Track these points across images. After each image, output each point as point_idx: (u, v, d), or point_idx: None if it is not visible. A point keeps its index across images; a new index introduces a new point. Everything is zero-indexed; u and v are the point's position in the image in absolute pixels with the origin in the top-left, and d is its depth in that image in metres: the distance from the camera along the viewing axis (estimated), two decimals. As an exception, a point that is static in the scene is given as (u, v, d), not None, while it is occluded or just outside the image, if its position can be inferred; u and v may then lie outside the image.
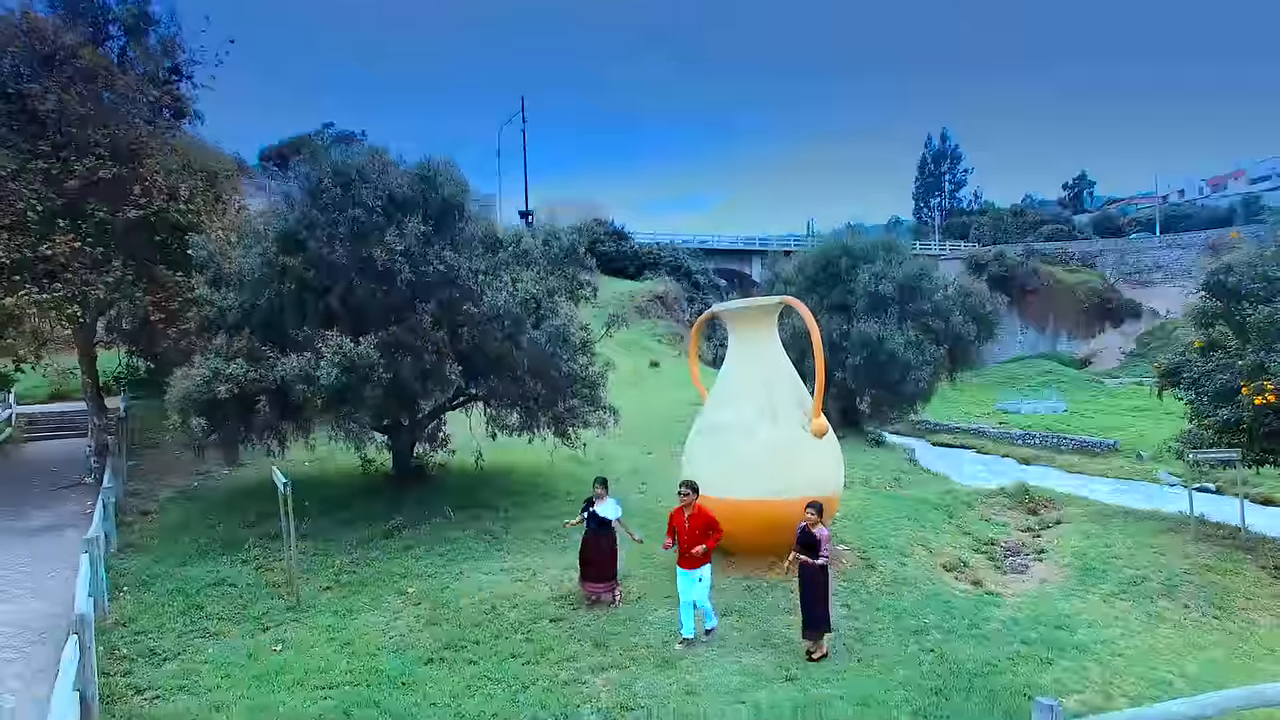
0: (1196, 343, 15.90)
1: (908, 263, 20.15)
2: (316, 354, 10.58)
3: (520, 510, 13.14)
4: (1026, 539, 13.42)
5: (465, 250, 12.37)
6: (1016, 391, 61.29)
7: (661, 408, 24.45)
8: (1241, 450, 13.68)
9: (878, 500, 14.73)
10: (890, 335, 18.95)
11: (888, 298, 19.58)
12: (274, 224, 11.65)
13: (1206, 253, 72.65)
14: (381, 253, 10.86)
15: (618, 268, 52.32)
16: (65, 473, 16.47)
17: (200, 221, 14.58)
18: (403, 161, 13.63)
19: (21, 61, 13.45)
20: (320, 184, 11.32)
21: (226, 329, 11.92)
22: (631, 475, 16.08)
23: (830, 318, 20.38)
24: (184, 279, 14.29)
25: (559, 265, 13.84)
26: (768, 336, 11.26)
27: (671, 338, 41.37)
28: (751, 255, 70.43)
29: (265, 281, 11.59)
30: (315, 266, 11.29)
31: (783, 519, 10.34)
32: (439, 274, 11.20)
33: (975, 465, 42.52)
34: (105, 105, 14.02)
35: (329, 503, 13.05)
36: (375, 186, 11.38)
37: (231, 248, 13.03)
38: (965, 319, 20.31)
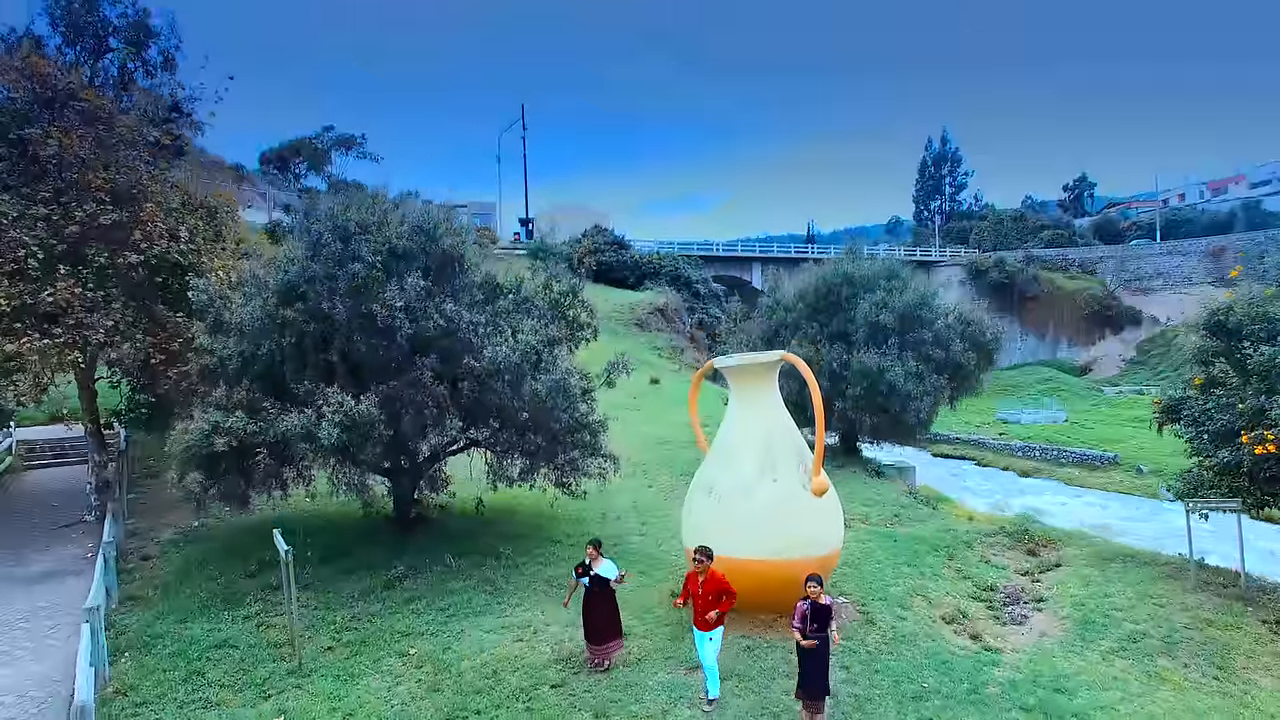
0: (1196, 380, 15.86)
1: (908, 292, 20.10)
2: (317, 411, 10.59)
3: (522, 555, 13.15)
4: (1026, 583, 13.42)
5: (465, 299, 12.39)
6: (1017, 400, 61.36)
7: (662, 431, 24.47)
8: (1242, 495, 13.70)
9: (877, 541, 14.73)
10: (890, 366, 18.93)
11: (888, 328, 19.56)
12: (274, 276, 11.64)
13: (1207, 259, 72.77)
14: (381, 308, 10.87)
15: (618, 277, 52.40)
16: (66, 509, 16.49)
17: (200, 261, 14.58)
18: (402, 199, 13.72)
19: (23, 106, 13.41)
20: (320, 239, 11.31)
21: (226, 378, 11.93)
22: (631, 513, 16.11)
23: (831, 347, 20.36)
24: (184, 319, 14.30)
25: (559, 308, 13.84)
26: (768, 391, 11.25)
27: (672, 350, 41.38)
28: (752, 262, 70.47)
29: (265, 332, 11.59)
30: (315, 319, 11.29)
31: (783, 579, 10.38)
32: (439, 327, 11.21)
33: (976, 479, 42.74)
34: (106, 147, 13.98)
35: (330, 549, 13.05)
36: (374, 239, 11.39)
37: (232, 290, 13.03)
38: (966, 347, 20.28)
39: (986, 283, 75.15)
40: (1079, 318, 72.01)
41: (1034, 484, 40.88)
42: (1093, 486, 39.55)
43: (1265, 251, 70.81)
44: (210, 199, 16.48)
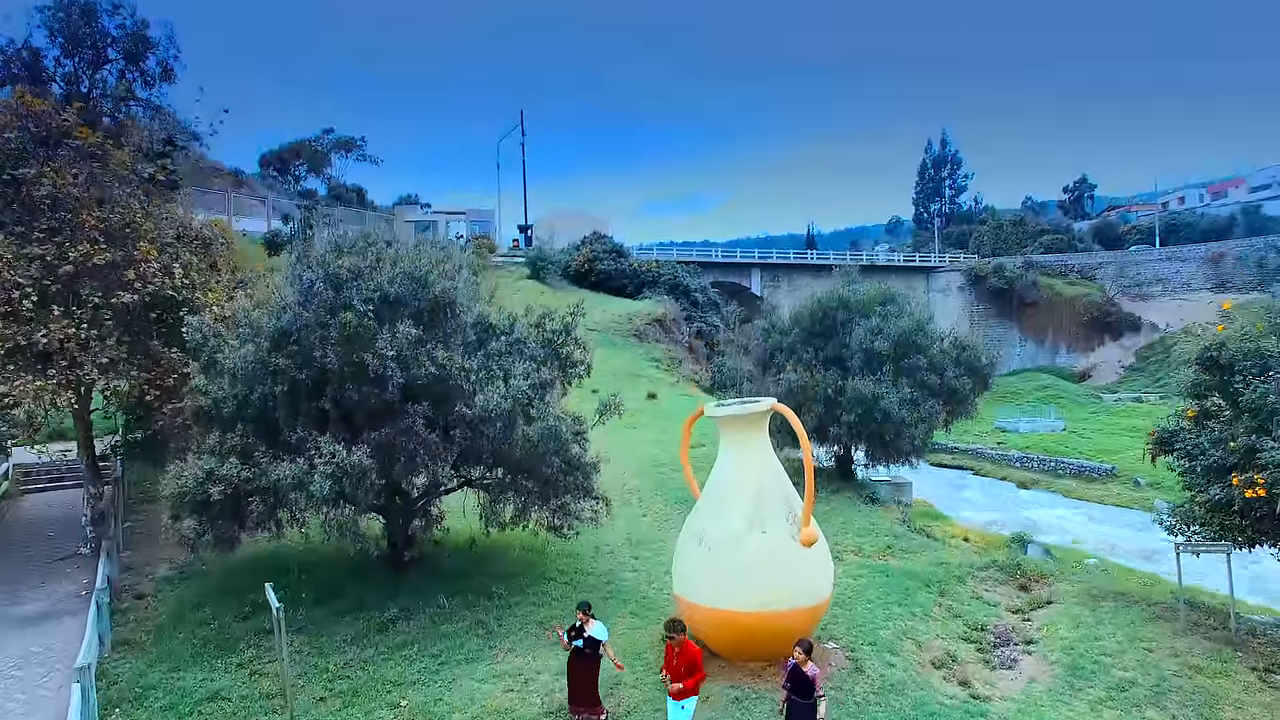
0: (1189, 412, 15.89)
1: (903, 318, 20.12)
2: (309, 460, 10.63)
3: (515, 595, 13.19)
4: (1016, 622, 13.45)
5: (457, 341, 12.44)
6: (1015, 408, 61.42)
7: (657, 452, 24.49)
8: (1233, 533, 13.74)
9: (869, 577, 14.77)
10: (885, 394, 18.97)
11: (883, 354, 19.59)
12: (267, 321, 11.67)
13: (1206, 265, 72.76)
14: (373, 358, 10.90)
15: (616, 286, 52.41)
16: (62, 539, 16.56)
17: (194, 297, 14.60)
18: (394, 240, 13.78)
19: (18, 145, 13.43)
20: (312, 286, 11.34)
21: (220, 421, 11.98)
22: (625, 546, 16.14)
23: (826, 372, 20.39)
24: (179, 355, 14.32)
25: (553, 346, 13.87)
26: (758, 439, 11.27)
27: (670, 362, 41.38)
28: (751, 268, 70.50)
29: (259, 377, 11.61)
30: (307, 366, 11.32)
31: (772, 630, 10.44)
32: (430, 375, 11.25)
33: (974, 490, 42.78)
34: (100, 184, 14.02)
35: (323, 588, 13.11)
36: (366, 286, 11.43)
37: (226, 329, 13.05)
38: (960, 372, 20.31)
39: (986, 289, 75.18)
40: (1078, 324, 72.04)
41: (1032, 496, 40.93)
42: (1091, 499, 39.58)
43: (1264, 257, 70.87)
44: (205, 229, 16.49)
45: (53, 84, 39.25)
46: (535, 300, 47.58)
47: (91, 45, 40.14)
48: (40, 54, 38.44)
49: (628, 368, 38.38)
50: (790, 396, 20.68)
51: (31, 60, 38.44)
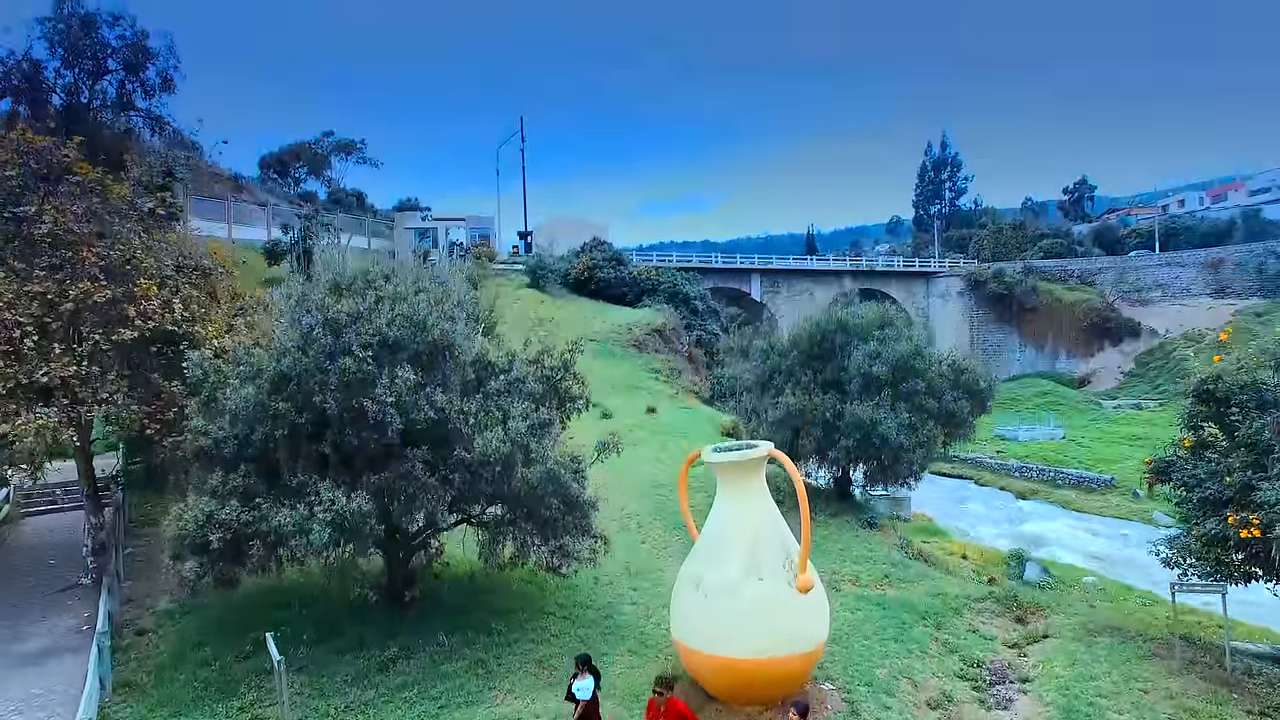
0: (1186, 442, 15.96)
1: (901, 342, 20.17)
2: (310, 506, 10.69)
3: (514, 631, 13.26)
4: (1012, 658, 13.52)
5: (456, 381, 12.50)
6: (1015, 414, 61.49)
7: (656, 471, 24.53)
8: (1228, 568, 13.81)
9: (866, 610, 14.84)
10: (883, 419, 19.02)
11: (881, 379, 19.65)
12: (267, 363, 11.71)
13: (1206, 271, 72.79)
14: (372, 404, 10.96)
15: (616, 294, 52.44)
16: (63, 566, 16.61)
17: (194, 330, 14.64)
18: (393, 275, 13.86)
19: (20, 184, 13.48)
20: (311, 331, 11.40)
21: (221, 462, 12.04)
22: (624, 576, 16.21)
23: (824, 395, 20.45)
24: (179, 388, 14.37)
25: (552, 382, 13.92)
26: (755, 485, 11.32)
27: (669, 373, 41.38)
28: (751, 274, 70.54)
29: (259, 418, 11.67)
30: (306, 410, 11.37)
31: (769, 676, 10.53)
32: (429, 420, 11.31)
33: (974, 501, 42.88)
34: (99, 219, 14.07)
35: (323, 625, 13.17)
36: (365, 329, 11.48)
37: (226, 365, 13.10)
38: (959, 395, 20.36)
39: (985, 294, 75.26)
40: (1078, 329, 72.10)
41: (1031, 508, 41.03)
42: (1089, 510, 39.71)
43: (1264, 263, 70.90)
44: (205, 258, 16.53)
45: (53, 95, 39.37)
46: (535, 309, 47.81)
47: (91, 56, 40.23)
48: (40, 66, 38.51)
49: (627, 379, 38.42)
50: (789, 420, 20.79)
51: (32, 72, 38.51)
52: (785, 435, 20.94)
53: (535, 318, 46.16)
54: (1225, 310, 69.14)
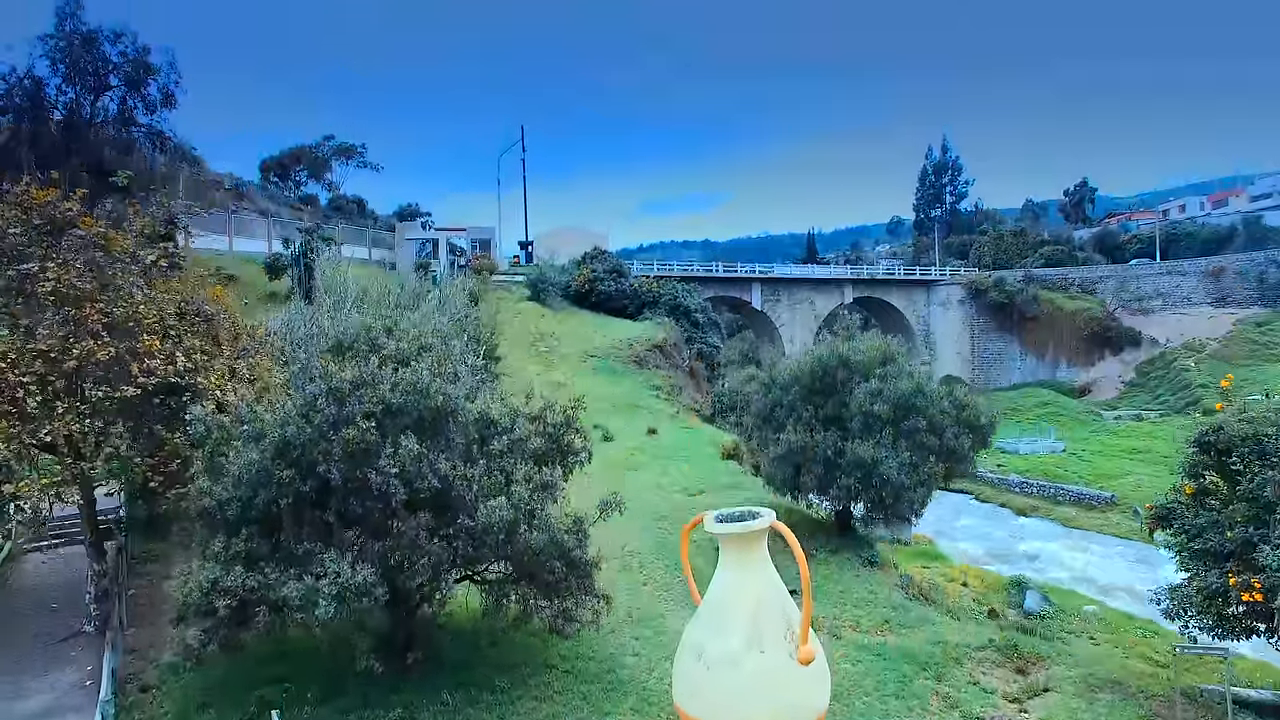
0: (1187, 489, 15.99)
1: (903, 379, 20.20)
2: (315, 577, 10.72)
3: (517, 689, 13.29)
4: (1013, 714, 13.56)
5: (459, 441, 12.53)
6: (1016, 425, 61.49)
7: (657, 501, 24.59)
8: (1230, 624, 13.85)
9: (867, 662, 14.87)
10: (884, 459, 19.06)
11: (883, 418, 19.67)
12: (271, 429, 11.73)
13: (1207, 280, 72.75)
14: (376, 475, 10.99)
15: (617, 307, 52.49)
16: (65, 611, 16.64)
17: (197, 382, 14.65)
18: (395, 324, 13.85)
19: (22, 241, 13.48)
20: (315, 401, 11.42)
21: (225, 525, 12.07)
22: (625, 624, 16.22)
23: (826, 432, 20.48)
24: (182, 439, 14.39)
25: (555, 436, 13.94)
26: (757, 555, 11.25)
27: (670, 390, 41.44)
28: (751, 282, 70.52)
29: (262, 481, 11.70)
30: (310, 476, 11.40)
31: (771, 750, 10.54)
32: (433, 488, 11.34)
33: (974, 517, 42.87)
34: (103, 273, 14.08)
35: (327, 683, 13.19)
36: (369, 396, 11.51)
37: (230, 421, 13.13)
38: (960, 430, 20.39)
39: (986, 302, 75.27)
40: (1078, 338, 72.08)
41: (1032, 525, 41.00)
42: (1090, 529, 39.68)
43: (1265, 272, 70.88)
44: (207, 304, 16.51)
45: (54, 111, 39.42)
46: (536, 323, 47.80)
47: (93, 73, 40.29)
48: (42, 83, 38.58)
49: (628, 397, 38.47)
50: (790, 456, 20.83)
51: (34, 89, 38.57)
52: (787, 471, 21.01)
53: (537, 332, 46.31)
54: (1226, 319, 69.17)
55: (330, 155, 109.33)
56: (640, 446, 31.13)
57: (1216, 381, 61.57)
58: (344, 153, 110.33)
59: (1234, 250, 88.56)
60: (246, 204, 77.59)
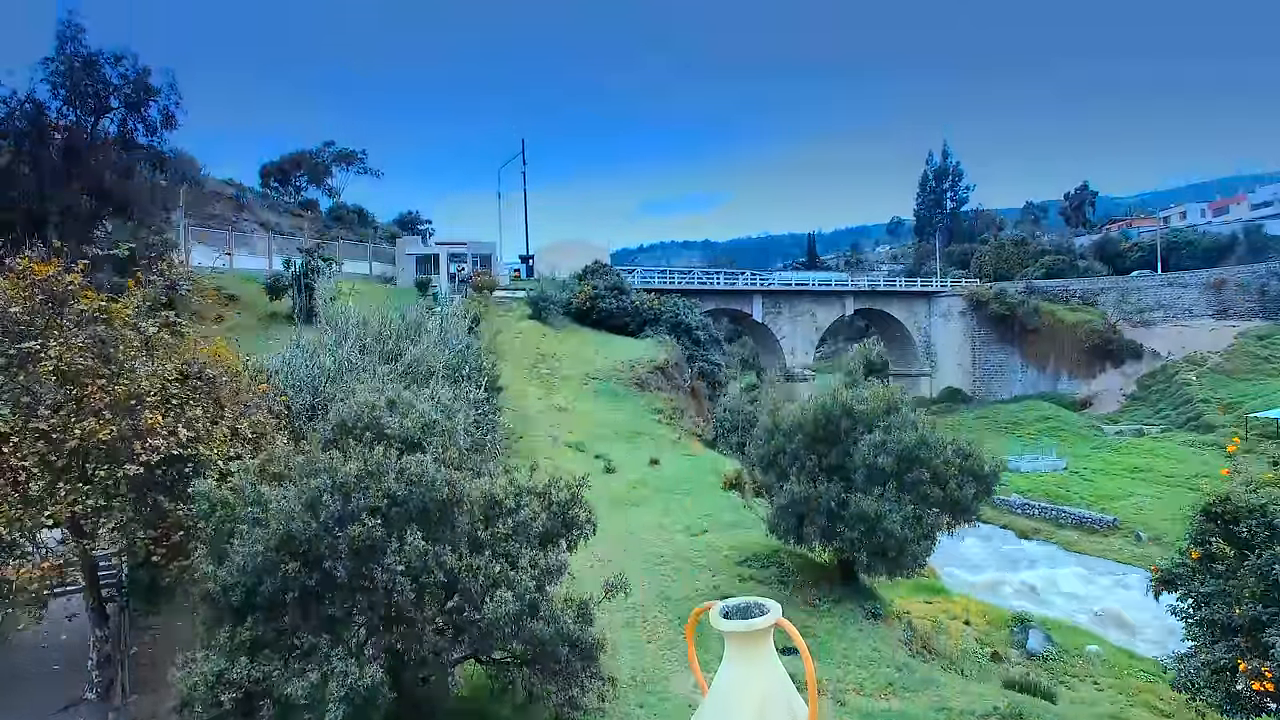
0: (1193, 554, 15.93)
1: (907, 430, 20.12)
2: (323, 675, 10.66)
3: (520, 769, 13.26)
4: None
5: (463, 525, 12.47)
6: (1017, 440, 61.46)
7: (659, 541, 24.52)
8: (1239, 701, 13.80)
9: (873, 734, 14.84)
10: (888, 513, 19.00)
11: (886, 471, 19.61)
12: (275, 524, 11.65)
13: (1208, 292, 72.72)
14: (382, 572, 10.93)
15: (618, 324, 52.46)
16: (67, 672, 16.58)
17: (200, 452, 14.57)
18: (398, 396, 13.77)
19: (24, 319, 13.40)
20: (320, 497, 11.35)
21: (230, 613, 12.00)
22: (629, 687, 16.14)
23: (829, 481, 20.42)
24: (185, 510, 14.31)
25: (560, 513, 13.87)
26: (763, 650, 11.23)
27: (672, 413, 41.36)
28: (753, 295, 70.50)
29: (267, 570, 11.63)
30: (316, 570, 11.34)
31: None
32: (440, 584, 11.28)
33: (975, 540, 42.82)
34: (105, 346, 14.00)
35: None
36: (374, 490, 11.44)
37: (234, 497, 13.06)
38: (964, 479, 20.31)
39: (987, 314, 75.27)
40: (1079, 351, 72.07)
41: (1034, 549, 41.03)
42: (1092, 553, 39.71)
43: (1266, 284, 70.85)
44: (209, 366, 16.42)
45: (55, 134, 39.30)
46: (538, 343, 47.74)
47: (94, 95, 40.21)
48: (43, 106, 38.46)
49: (629, 423, 38.43)
50: (793, 506, 20.79)
51: (35, 113, 38.45)
52: (790, 522, 20.97)
53: (538, 353, 46.24)
54: (1228, 332, 69.16)
55: (330, 161, 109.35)
56: (642, 479, 31.08)
57: (1217, 395, 61.68)
58: (344, 159, 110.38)
59: (1235, 259, 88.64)
60: (247, 214, 77.57)
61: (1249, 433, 53.51)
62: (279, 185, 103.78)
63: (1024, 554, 40.37)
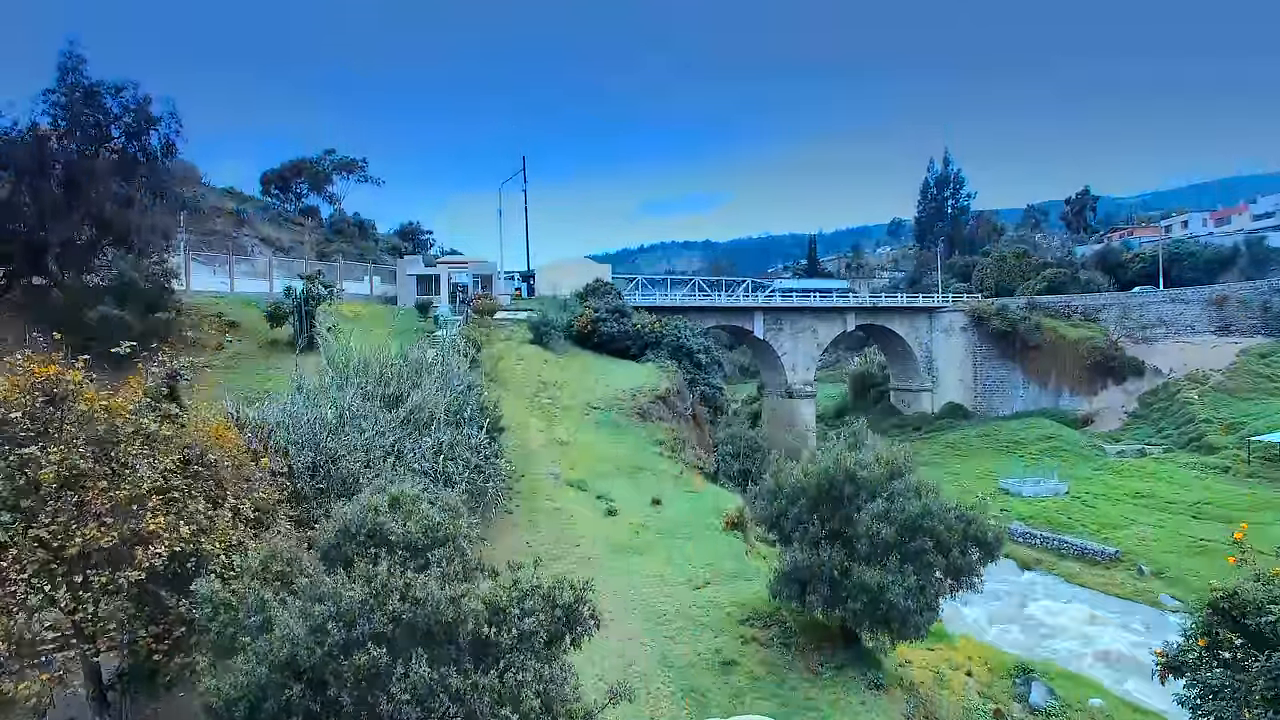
0: (1201, 640, 15.83)
1: (911, 501, 20.05)
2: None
3: None
4: None
5: (467, 627, 12.39)
6: (1019, 460, 61.42)
7: (662, 601, 24.40)
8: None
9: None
10: (891, 585, 18.96)
11: (890, 542, 19.55)
12: (279, 646, 11.57)
13: (1210, 308, 72.60)
14: (388, 701, 10.86)
15: (619, 348, 52.41)
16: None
17: (202, 548, 14.49)
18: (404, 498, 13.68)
19: (24, 423, 13.30)
20: (324, 624, 11.27)
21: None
22: (634, 776, 16.13)
23: (831, 548, 20.36)
24: (186, 605, 14.24)
25: (565, 612, 13.79)
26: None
27: (674, 445, 41.24)
28: (753, 312, 70.39)
29: (272, 690, 11.57)
30: (320, 694, 11.26)
31: None
32: (446, 709, 11.21)
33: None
34: (105, 447, 13.92)
35: None
36: (379, 616, 11.37)
37: (238, 602, 12.99)
38: (968, 545, 20.25)
39: (989, 330, 75.21)
40: (1081, 367, 72.01)
41: (1035, 581, 41.01)
42: (1094, 586, 39.68)
43: (1269, 301, 70.72)
44: (210, 452, 16.33)
45: (56, 165, 39.16)
46: (539, 370, 47.69)
47: (94, 125, 40.15)
48: (44, 138, 38.37)
49: (631, 457, 38.32)
50: (796, 573, 20.78)
51: (35, 144, 38.35)
52: (793, 589, 20.94)
53: (540, 381, 46.13)
54: (1230, 349, 69.07)
55: (331, 169, 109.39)
56: (644, 522, 30.99)
57: (1219, 416, 61.57)
58: (345, 167, 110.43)
59: (1237, 271, 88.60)
60: (247, 230, 77.46)
61: (1251, 456, 53.44)
62: (280, 192, 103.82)
63: (1026, 587, 40.34)
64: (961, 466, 61.93)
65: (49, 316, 36.23)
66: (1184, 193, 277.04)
